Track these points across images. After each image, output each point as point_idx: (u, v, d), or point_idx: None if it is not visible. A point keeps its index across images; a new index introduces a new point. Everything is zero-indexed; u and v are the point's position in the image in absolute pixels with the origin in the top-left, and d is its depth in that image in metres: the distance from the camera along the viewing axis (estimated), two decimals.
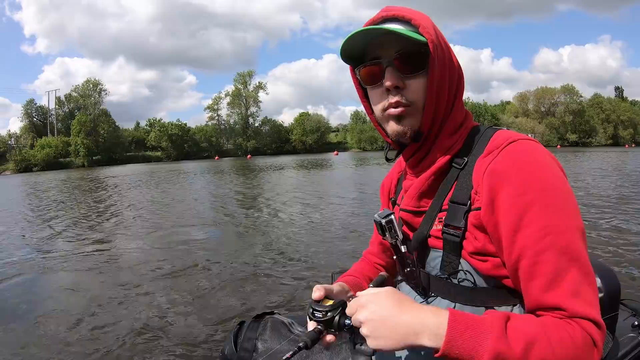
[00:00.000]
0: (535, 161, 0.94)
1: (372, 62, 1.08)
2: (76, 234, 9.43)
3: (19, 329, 4.23)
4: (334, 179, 21.08)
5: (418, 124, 1.07)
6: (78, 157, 78.73)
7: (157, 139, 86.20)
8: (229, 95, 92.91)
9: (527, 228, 0.89)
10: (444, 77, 1.05)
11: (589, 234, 6.40)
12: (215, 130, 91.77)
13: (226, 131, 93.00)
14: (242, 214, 10.77)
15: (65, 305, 4.90)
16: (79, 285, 5.68)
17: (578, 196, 9.96)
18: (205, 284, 5.27)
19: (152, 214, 11.93)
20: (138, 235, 8.83)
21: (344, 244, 7.04)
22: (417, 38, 1.00)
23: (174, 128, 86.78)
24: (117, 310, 4.55)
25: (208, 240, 7.87)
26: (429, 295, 1.12)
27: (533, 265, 0.88)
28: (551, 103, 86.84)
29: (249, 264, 5.91)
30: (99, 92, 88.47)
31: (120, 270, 6.28)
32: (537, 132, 76.78)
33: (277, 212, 10.53)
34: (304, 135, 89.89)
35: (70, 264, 6.74)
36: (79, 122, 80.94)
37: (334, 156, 53.63)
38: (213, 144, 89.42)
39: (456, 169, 1.06)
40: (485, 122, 75.95)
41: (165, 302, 4.69)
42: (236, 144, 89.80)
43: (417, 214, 1.14)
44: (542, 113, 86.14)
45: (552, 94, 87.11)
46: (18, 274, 6.31)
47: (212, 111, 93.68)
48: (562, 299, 0.85)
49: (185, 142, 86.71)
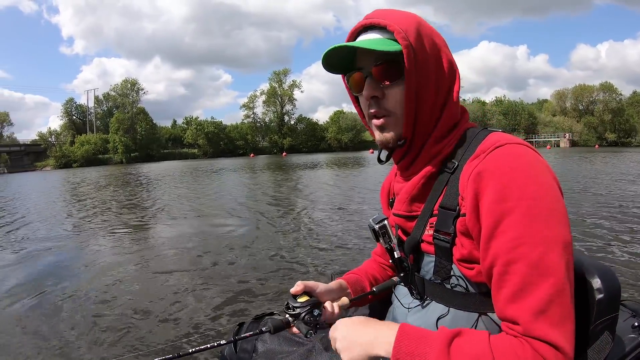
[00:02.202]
0: (520, 167, 0.91)
1: (356, 71, 1.10)
2: (113, 222, 10.22)
3: (48, 304, 4.90)
4: (368, 176, 20.52)
5: (400, 131, 1.08)
6: (116, 153, 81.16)
7: (194, 136, 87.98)
8: (264, 93, 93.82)
9: (500, 236, 0.88)
10: (427, 82, 1.03)
11: (606, 238, 6.00)
12: (251, 128, 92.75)
13: (261, 129, 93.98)
14: (272, 210, 10.70)
15: (89, 284, 5.59)
16: (108, 267, 6.15)
17: (607, 199, 9.38)
18: (222, 278, 5.23)
19: (183, 206, 12.21)
20: (168, 226, 9.15)
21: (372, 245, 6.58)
22: (387, 49, 1.00)
23: (210, 126, 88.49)
24: (122, 294, 5.21)
25: (235, 235, 7.81)
26: (424, 299, 1.13)
27: (502, 275, 0.87)
28: (589, 101, 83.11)
29: (270, 261, 5.67)
30: (137, 91, 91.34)
31: (146, 258, 6.64)
32: (575, 131, 74.36)
33: (307, 210, 10.40)
34: (339, 134, 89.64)
35: (105, 249, 7.59)
36: (117, 120, 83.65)
37: (369, 154, 53.32)
38: (249, 142, 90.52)
39: (447, 173, 1.05)
40: (522, 120, 74.24)
41: (187, 294, 4.89)
42: (271, 141, 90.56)
43: (409, 218, 1.15)
44: (580, 111, 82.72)
45: (591, 92, 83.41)
46: (57, 253, 7.20)
47: (248, 109, 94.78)
48: (521, 315, 0.84)
49: (221, 139, 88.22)
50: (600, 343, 0.98)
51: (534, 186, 0.88)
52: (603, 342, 0.98)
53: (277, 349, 1.33)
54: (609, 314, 0.99)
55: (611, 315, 0.99)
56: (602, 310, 0.98)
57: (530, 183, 0.88)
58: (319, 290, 1.25)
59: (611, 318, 0.99)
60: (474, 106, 77.91)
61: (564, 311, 0.82)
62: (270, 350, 1.34)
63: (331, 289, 1.30)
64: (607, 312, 0.99)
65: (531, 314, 0.82)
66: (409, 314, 1.16)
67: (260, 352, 1.34)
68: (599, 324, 0.98)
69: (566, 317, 0.83)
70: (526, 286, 0.84)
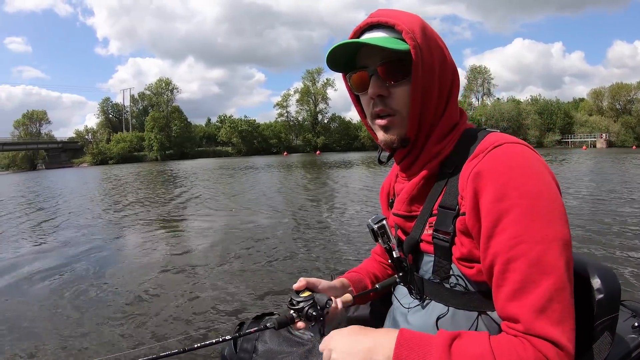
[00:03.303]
0: (518, 166, 0.91)
1: (359, 69, 1.10)
2: (144, 215, 10.66)
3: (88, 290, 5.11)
4: None
5: (405, 131, 1.09)
6: (151, 151, 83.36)
7: (228, 134, 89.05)
8: (297, 92, 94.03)
9: (500, 235, 0.88)
10: (431, 83, 1.04)
11: (618, 241, 5.86)
12: (284, 127, 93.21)
13: (295, 127, 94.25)
14: (304, 207, 10.88)
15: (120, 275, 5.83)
16: (132, 257, 6.59)
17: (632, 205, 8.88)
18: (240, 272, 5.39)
19: (213, 202, 12.54)
20: (197, 220, 9.48)
21: None
22: (396, 48, 1.00)
23: (244, 124, 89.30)
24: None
25: (263, 231, 7.89)
26: (424, 299, 1.14)
27: (502, 273, 0.88)
28: (627, 100, 79.43)
29: (292, 259, 5.71)
30: (171, 90, 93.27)
31: (171, 250, 6.97)
32: (612, 131, 71.32)
33: (336, 208, 10.46)
34: None
35: (133, 239, 7.88)
36: (152, 119, 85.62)
37: None
38: (282, 140, 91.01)
39: (446, 173, 1.06)
40: (557, 120, 72.23)
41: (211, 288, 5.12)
42: (305, 140, 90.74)
43: (408, 218, 1.16)
44: (618, 111, 79.30)
45: (628, 91, 79.76)
46: (88, 242, 7.53)
47: (282, 108, 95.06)
48: (522, 312, 0.84)
49: (254, 138, 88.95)
50: (601, 343, 0.98)
51: (533, 185, 0.89)
52: (603, 343, 0.98)
53: (277, 349, 1.33)
54: (609, 314, 0.99)
55: (611, 315, 0.99)
56: (603, 310, 0.98)
57: (529, 181, 0.89)
58: (321, 287, 1.25)
59: (611, 318, 0.99)
60: (509, 105, 76.01)
61: (564, 309, 0.82)
62: (271, 350, 1.34)
63: (334, 286, 1.30)
64: (608, 313, 0.98)
65: (532, 312, 0.82)
66: (409, 314, 1.17)
67: (261, 352, 1.34)
68: (599, 324, 0.98)
69: (567, 315, 0.83)
70: (527, 284, 0.84)
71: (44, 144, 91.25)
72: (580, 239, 5.91)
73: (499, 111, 74.08)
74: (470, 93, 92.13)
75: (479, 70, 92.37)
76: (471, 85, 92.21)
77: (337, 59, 1.12)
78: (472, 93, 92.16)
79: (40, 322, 3.79)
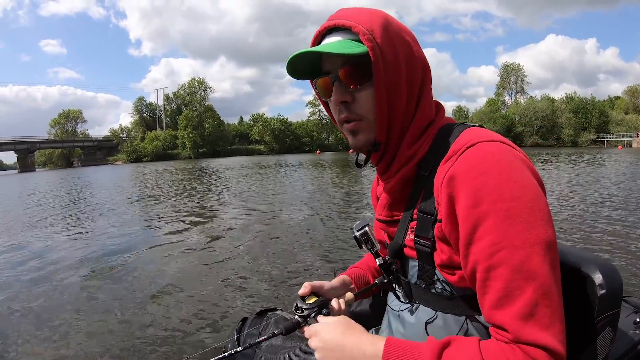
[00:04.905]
0: (493, 168, 0.87)
1: (322, 76, 1.06)
2: (176, 210, 10.82)
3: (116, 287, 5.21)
4: None
5: (373, 135, 1.04)
6: (185, 149, 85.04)
7: (260, 133, 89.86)
8: None
9: (479, 242, 0.85)
10: (397, 82, 1.00)
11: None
12: (317, 125, 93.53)
13: (327, 126, 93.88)
14: (332, 205, 11.00)
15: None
16: (161, 251, 6.66)
17: None
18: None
19: (244, 198, 12.89)
20: (226, 215, 9.65)
21: None
22: (353, 52, 0.96)
23: (277, 123, 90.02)
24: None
25: (290, 228, 8.11)
26: (413, 303, 1.13)
27: (485, 281, 0.85)
28: None
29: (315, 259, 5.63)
30: (204, 89, 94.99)
31: (197, 245, 7.20)
32: None
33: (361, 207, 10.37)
34: None
35: (163, 233, 8.01)
36: (185, 117, 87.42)
37: None
38: (314, 139, 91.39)
39: (423, 176, 1.03)
40: (593, 119, 70.15)
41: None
42: (337, 138, 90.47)
43: (391, 223, 1.14)
44: None
45: None
46: (121, 234, 7.66)
47: (314, 107, 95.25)
48: (508, 320, 0.81)
49: (287, 136, 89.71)
50: (602, 339, 0.97)
51: (510, 186, 0.85)
52: (605, 338, 0.97)
53: (280, 344, 1.35)
54: (611, 310, 0.98)
55: (613, 311, 0.98)
56: (604, 306, 0.97)
57: (506, 183, 0.85)
58: (325, 289, 1.25)
59: (613, 314, 0.98)
60: (543, 103, 74.39)
61: (552, 313, 0.80)
62: (274, 345, 1.36)
63: (335, 286, 1.29)
64: (609, 308, 0.97)
65: (518, 320, 0.80)
66: (399, 317, 1.17)
67: (264, 347, 1.36)
68: (601, 320, 0.97)
69: (555, 318, 0.80)
70: (510, 292, 0.81)
71: (80, 142, 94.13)
72: (609, 243, 5.71)
73: (532, 109, 72.75)
74: (504, 91, 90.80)
75: (512, 67, 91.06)
76: (504, 83, 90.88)
77: (298, 68, 1.08)
78: (505, 91, 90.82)
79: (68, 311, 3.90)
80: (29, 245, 7.11)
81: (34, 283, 4.87)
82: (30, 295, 4.43)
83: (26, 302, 4.25)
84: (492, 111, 78.79)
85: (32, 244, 7.27)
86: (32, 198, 17.10)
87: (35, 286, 4.74)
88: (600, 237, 5.89)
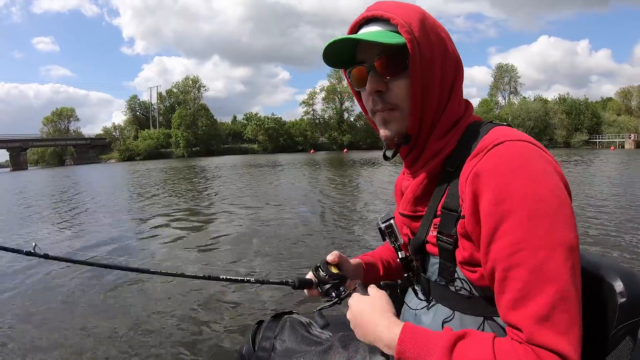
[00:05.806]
0: (520, 167, 0.86)
1: (357, 65, 1.08)
2: (170, 208, 10.90)
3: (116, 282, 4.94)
4: None
5: (405, 127, 1.07)
6: (178, 148, 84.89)
7: (254, 132, 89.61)
8: (323, 90, 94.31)
9: (500, 240, 0.85)
10: (432, 76, 1.01)
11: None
12: (310, 125, 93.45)
13: (321, 125, 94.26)
14: (330, 203, 11.15)
15: None
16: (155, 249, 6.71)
17: None
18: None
19: (237, 196, 13.03)
20: (220, 214, 9.79)
21: None
22: (391, 42, 0.98)
23: (270, 122, 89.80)
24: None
25: (290, 226, 8.30)
26: (430, 301, 1.14)
27: (503, 280, 0.85)
28: None
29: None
30: (198, 88, 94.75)
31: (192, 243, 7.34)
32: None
33: (364, 206, 10.63)
34: None
35: (158, 232, 8.13)
36: (179, 116, 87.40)
37: None
38: (308, 138, 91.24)
39: (449, 172, 1.03)
40: (585, 120, 70.43)
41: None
42: (331, 137, 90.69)
43: (414, 218, 1.14)
44: None
45: None
46: (115, 232, 7.69)
47: (307, 106, 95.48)
48: (524, 322, 0.81)
49: (280, 135, 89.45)
50: (622, 348, 0.95)
51: (536, 187, 0.84)
52: (624, 348, 0.95)
53: (296, 348, 1.33)
54: (632, 319, 0.95)
55: (633, 319, 0.95)
56: (624, 314, 0.94)
57: (532, 184, 0.84)
58: (347, 266, 1.32)
59: (633, 323, 0.96)
60: (536, 104, 74.29)
61: (569, 318, 0.78)
62: (289, 349, 1.34)
63: (360, 265, 1.38)
64: (630, 317, 0.95)
65: (534, 321, 0.79)
66: (416, 316, 1.17)
67: (279, 351, 1.35)
68: (621, 328, 0.94)
69: (572, 324, 0.79)
70: (528, 292, 0.81)
71: (73, 141, 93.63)
72: (607, 242, 5.75)
73: (525, 110, 72.68)
74: (497, 92, 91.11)
75: (506, 68, 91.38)
76: (497, 84, 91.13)
77: (336, 56, 1.09)
78: (498, 92, 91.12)
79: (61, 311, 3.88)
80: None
81: (27, 283, 4.80)
82: (26, 297, 4.37)
83: (19, 303, 4.20)
84: (485, 112, 78.81)
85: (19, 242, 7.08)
86: (20, 196, 17.16)
87: (30, 286, 4.69)
88: (615, 240, 5.90)
